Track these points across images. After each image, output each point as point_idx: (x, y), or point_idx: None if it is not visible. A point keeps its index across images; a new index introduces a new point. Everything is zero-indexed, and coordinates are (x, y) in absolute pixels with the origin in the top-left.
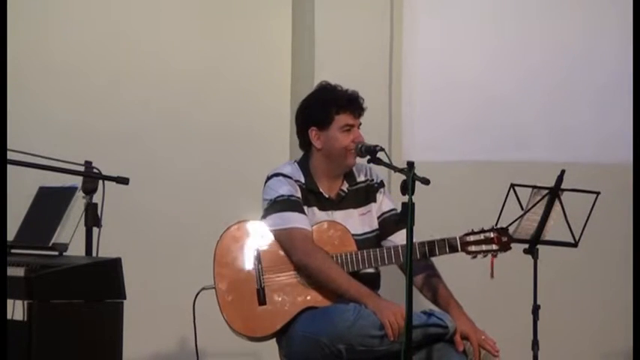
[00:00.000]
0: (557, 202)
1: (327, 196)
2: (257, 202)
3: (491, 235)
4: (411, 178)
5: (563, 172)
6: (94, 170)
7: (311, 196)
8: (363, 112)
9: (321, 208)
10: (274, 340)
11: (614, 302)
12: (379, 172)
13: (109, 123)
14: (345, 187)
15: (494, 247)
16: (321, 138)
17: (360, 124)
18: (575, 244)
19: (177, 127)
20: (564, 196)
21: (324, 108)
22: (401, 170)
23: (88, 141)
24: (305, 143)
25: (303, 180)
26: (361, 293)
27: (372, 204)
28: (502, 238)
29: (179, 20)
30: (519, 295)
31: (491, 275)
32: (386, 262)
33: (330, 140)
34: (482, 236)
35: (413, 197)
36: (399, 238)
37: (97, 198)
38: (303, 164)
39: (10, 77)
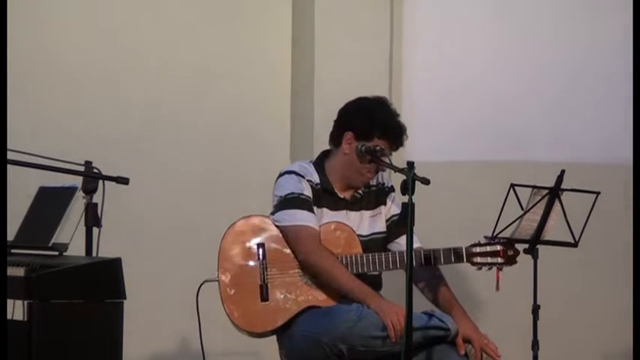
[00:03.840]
0: (557, 202)
1: (341, 196)
2: (257, 203)
3: (498, 247)
4: (411, 178)
5: (563, 172)
6: (94, 170)
7: (324, 196)
8: (400, 147)
9: (335, 208)
10: (275, 339)
11: (614, 302)
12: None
13: (109, 123)
14: (360, 189)
15: (500, 260)
16: (353, 145)
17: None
18: (575, 244)
19: (177, 127)
20: (564, 196)
21: (372, 124)
22: (401, 170)
23: (88, 141)
24: (336, 139)
25: (316, 180)
26: (364, 293)
27: (382, 207)
28: (508, 252)
29: (179, 22)
30: (519, 295)
31: (497, 288)
32: (390, 267)
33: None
34: (488, 248)
35: (413, 197)
36: (405, 240)
37: (97, 198)
38: (319, 164)
39: (10, 77)
